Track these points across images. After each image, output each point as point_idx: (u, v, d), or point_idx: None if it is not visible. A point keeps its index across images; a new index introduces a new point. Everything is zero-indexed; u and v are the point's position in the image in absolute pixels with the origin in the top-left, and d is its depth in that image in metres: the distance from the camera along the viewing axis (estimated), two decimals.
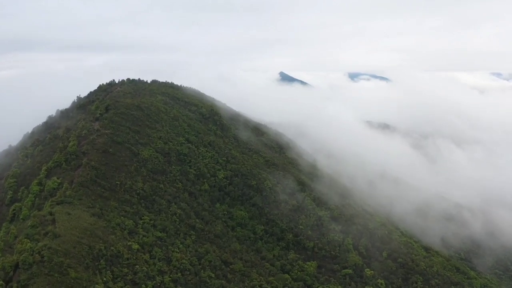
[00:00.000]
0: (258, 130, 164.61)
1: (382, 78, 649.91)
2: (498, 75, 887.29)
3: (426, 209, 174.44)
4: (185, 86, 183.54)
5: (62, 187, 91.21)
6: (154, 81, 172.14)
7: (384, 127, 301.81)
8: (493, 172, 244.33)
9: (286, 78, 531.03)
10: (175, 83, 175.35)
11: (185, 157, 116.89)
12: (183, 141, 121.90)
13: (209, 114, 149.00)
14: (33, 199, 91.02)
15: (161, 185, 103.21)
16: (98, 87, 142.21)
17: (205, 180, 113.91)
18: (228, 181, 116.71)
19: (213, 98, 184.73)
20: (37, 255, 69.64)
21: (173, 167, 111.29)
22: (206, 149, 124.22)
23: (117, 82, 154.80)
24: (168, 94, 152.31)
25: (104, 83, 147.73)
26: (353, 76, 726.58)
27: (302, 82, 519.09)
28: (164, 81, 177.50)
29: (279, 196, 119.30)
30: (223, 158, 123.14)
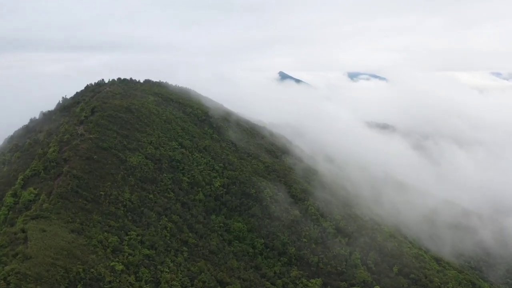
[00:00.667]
0: (257, 132, 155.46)
1: (381, 78, 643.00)
2: (498, 74, 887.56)
3: (432, 215, 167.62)
4: (180, 86, 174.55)
5: (39, 199, 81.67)
6: (147, 81, 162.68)
7: (385, 127, 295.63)
8: (498, 175, 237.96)
9: (285, 78, 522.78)
10: (174, 83, 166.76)
11: (178, 164, 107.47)
12: (176, 146, 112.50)
13: (204, 116, 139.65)
14: (7, 212, 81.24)
15: (151, 196, 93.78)
16: (85, 87, 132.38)
17: (200, 189, 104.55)
18: (224, 190, 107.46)
19: (210, 99, 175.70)
20: (2, 281, 60.22)
21: (165, 175, 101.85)
22: (201, 154, 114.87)
23: (106, 82, 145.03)
24: (161, 95, 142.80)
25: (93, 83, 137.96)
26: (353, 76, 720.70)
27: (301, 82, 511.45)
28: (158, 80, 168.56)
29: (280, 205, 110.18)
30: (219, 165, 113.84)
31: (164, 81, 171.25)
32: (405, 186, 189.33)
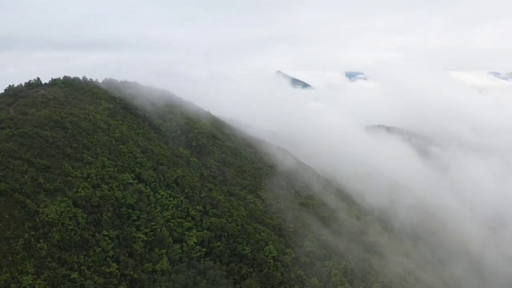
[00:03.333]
0: (253, 149, 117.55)
1: (380, 78, 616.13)
2: (496, 74, 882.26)
3: (473, 255, 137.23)
4: (157, 87, 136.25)
5: None
6: (108, 81, 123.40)
7: (386, 130, 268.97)
8: None
9: (283, 78, 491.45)
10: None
11: (131, 211, 68.90)
12: (130, 181, 73.83)
13: (181, 131, 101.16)
14: None
15: (75, 275, 55.17)
16: (5, 90, 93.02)
17: (164, 251, 66.23)
18: (204, 250, 69.23)
19: (195, 105, 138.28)
20: None
21: (105, 232, 63.26)
22: (169, 192, 76.31)
23: (48, 82, 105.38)
24: (121, 100, 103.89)
25: (22, 84, 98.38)
26: (351, 76, 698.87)
27: (299, 82, 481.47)
28: (124, 80, 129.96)
29: (290, 271, 72.33)
30: (197, 207, 75.52)
31: (133, 81, 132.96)
32: (428, 208, 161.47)
